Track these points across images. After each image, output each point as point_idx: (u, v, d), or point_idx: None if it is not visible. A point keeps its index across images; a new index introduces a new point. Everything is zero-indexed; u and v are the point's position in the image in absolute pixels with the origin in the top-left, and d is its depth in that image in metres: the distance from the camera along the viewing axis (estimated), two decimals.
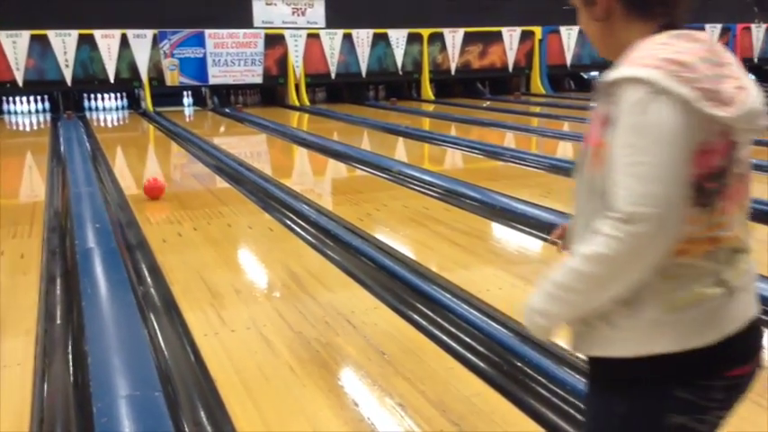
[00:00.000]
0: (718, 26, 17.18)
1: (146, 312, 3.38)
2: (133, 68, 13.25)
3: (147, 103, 13.42)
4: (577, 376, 2.55)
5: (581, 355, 1.36)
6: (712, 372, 1.23)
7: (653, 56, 1.16)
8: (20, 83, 12.64)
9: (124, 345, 2.97)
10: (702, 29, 16.80)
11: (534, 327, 1.30)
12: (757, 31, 17.63)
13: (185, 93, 14.30)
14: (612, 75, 1.18)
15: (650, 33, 1.24)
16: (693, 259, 1.20)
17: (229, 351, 2.94)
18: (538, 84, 16.03)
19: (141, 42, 13.24)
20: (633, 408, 1.26)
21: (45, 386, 2.72)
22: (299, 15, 14.42)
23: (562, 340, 2.82)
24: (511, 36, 15.64)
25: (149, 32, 13.26)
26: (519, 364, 2.75)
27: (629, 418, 1.27)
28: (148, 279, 3.94)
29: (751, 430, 2.26)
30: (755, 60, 17.78)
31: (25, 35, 12.53)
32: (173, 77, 13.58)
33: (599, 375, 1.32)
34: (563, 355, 2.72)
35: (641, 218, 1.11)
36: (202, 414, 2.47)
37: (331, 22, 14.55)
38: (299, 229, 4.95)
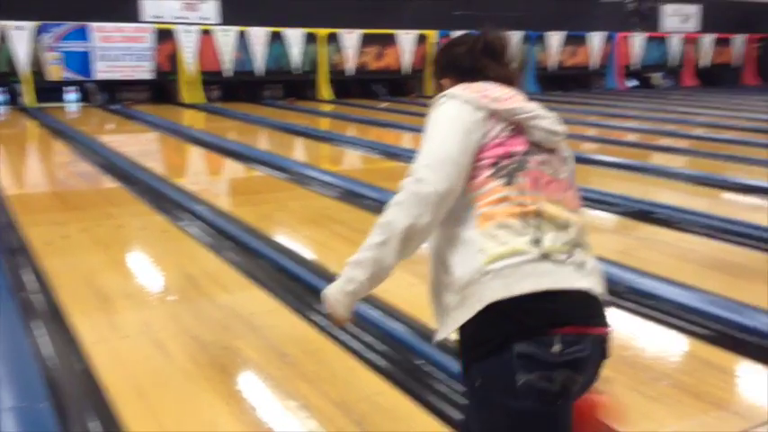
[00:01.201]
0: (601, 33, 18.08)
1: (29, 320, 3.19)
2: (11, 62, 12.48)
3: (28, 98, 12.68)
4: None
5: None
6: (544, 325, 1.37)
7: (458, 86, 1.58)
8: None
9: (6, 354, 2.80)
10: (583, 37, 17.55)
11: (338, 297, 1.54)
12: (638, 39, 18.70)
13: (69, 88, 13.60)
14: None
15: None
16: (506, 220, 1.42)
17: (122, 358, 2.82)
18: (431, 86, 16.30)
19: (21, 34, 12.49)
20: (485, 374, 1.41)
21: None
22: (190, 11, 14.03)
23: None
24: (407, 39, 15.85)
25: (30, 24, 12.53)
26: (419, 361, 2.79)
27: (484, 387, 1.42)
28: (32, 284, 3.72)
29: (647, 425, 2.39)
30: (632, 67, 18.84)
31: None
32: (56, 72, 12.89)
33: (461, 356, 1.48)
34: None
35: (416, 174, 1.45)
36: (95, 424, 2.35)
37: (226, 19, 14.25)
38: (194, 231, 4.82)
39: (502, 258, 1.40)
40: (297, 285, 3.70)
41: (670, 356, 2.99)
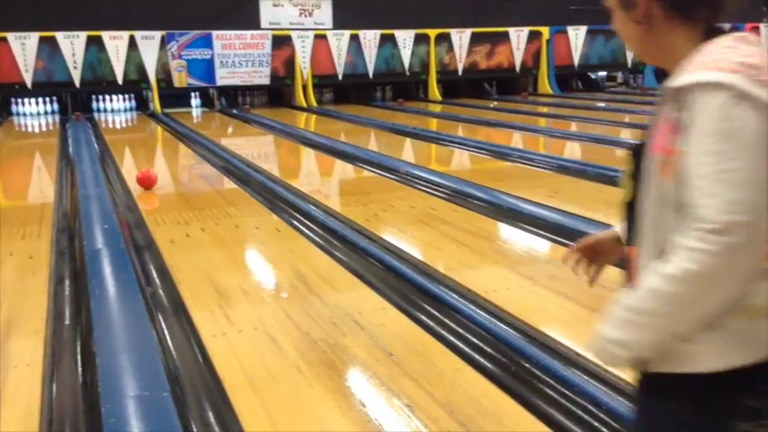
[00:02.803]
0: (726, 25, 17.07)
1: (154, 313, 3.40)
2: (141, 70, 13.30)
3: (155, 104, 13.46)
4: (585, 377, 2.55)
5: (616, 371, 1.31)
6: None
7: (726, 59, 1.12)
8: (28, 84, 12.71)
9: (132, 345, 2.98)
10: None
11: (611, 358, 1.21)
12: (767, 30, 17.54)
13: (193, 94, 14.34)
14: (684, 79, 1.13)
15: (695, 36, 1.21)
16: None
17: (237, 351, 2.94)
18: (545, 84, 15.99)
19: (149, 44, 13.29)
20: (701, 416, 1.19)
21: (54, 387, 2.73)
22: (305, 16, 14.44)
23: (572, 342, 2.82)
24: (518, 36, 15.61)
25: (157, 34, 13.31)
26: (526, 365, 2.75)
27: (696, 426, 1.20)
28: (156, 280, 3.95)
29: None
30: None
31: (34, 37, 12.59)
32: (180, 79, 13.62)
33: (661, 385, 1.23)
34: (570, 356, 2.72)
35: (736, 227, 1.05)
36: (210, 415, 2.47)
37: (338, 23, 14.56)
38: (306, 230, 4.96)
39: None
40: (404, 285, 3.73)
41: None
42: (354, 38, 14.56)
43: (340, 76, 14.56)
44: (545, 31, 15.71)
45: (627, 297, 1.18)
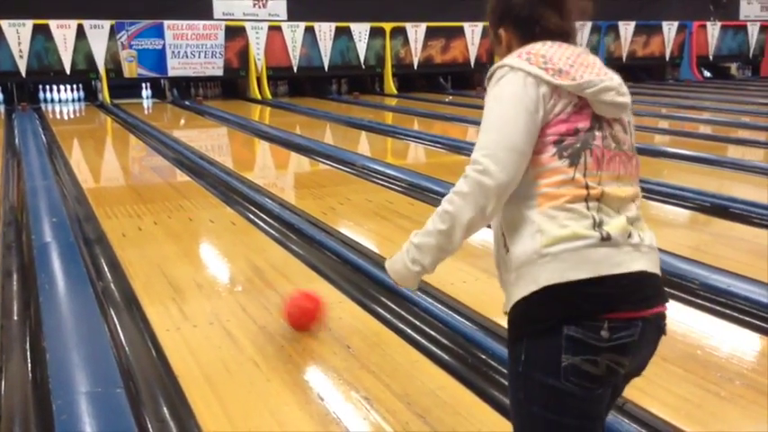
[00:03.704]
0: (676, 23, 17.51)
1: (106, 308, 3.33)
2: (90, 60, 12.97)
3: (105, 95, 13.16)
4: None
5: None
6: (596, 310, 1.37)
7: (517, 53, 1.51)
8: None
9: (84, 341, 2.91)
10: (657, 26, 17.01)
11: (404, 274, 1.57)
12: (715, 27, 18.03)
13: (144, 85, 14.05)
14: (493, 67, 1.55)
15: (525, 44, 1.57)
16: (570, 203, 1.40)
17: (192, 346, 2.91)
18: None
19: (98, 33, 12.96)
20: (531, 352, 1.42)
21: (2, 384, 2.65)
22: (260, 7, 14.28)
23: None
24: (473, 31, 15.72)
25: (106, 23, 12.99)
26: (483, 356, 2.78)
27: (528, 364, 1.42)
28: (108, 274, 3.87)
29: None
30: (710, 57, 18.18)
31: None
32: (131, 69, 13.33)
33: (509, 333, 1.50)
34: None
35: (480, 163, 1.42)
36: (165, 410, 2.44)
37: (293, 15, 14.44)
38: (261, 223, 4.91)
39: (561, 242, 1.39)
40: (361, 278, 3.74)
41: (744, 356, 2.88)
42: (309, 30, 14.46)
43: (295, 69, 14.45)
44: None
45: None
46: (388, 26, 15.04)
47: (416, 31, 15.30)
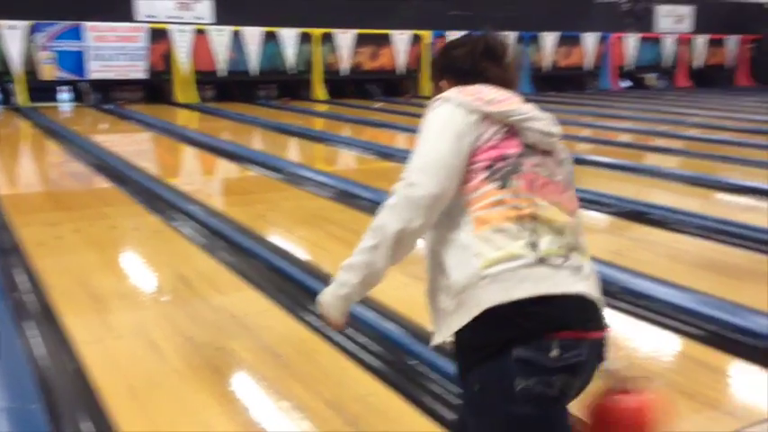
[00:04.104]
0: (596, 34, 18.12)
1: (21, 320, 3.18)
2: (4, 61, 12.43)
3: (21, 97, 12.63)
4: None
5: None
6: (541, 329, 1.37)
7: (453, 89, 1.58)
8: None
9: None
10: (577, 37, 17.51)
11: (330, 301, 1.56)
12: (633, 39, 18.74)
13: (62, 88, 13.55)
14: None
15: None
16: (503, 224, 1.42)
17: (115, 358, 2.81)
18: (427, 86, 16.33)
19: (14, 34, 12.44)
20: (484, 380, 1.41)
21: None
22: (185, 10, 14.01)
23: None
24: (401, 39, 15.86)
25: (23, 23, 12.48)
26: (412, 362, 2.79)
27: (483, 392, 1.41)
28: (24, 284, 3.70)
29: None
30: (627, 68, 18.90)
31: None
32: (49, 71, 12.85)
33: (459, 365, 1.49)
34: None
35: (408, 178, 1.46)
36: (88, 425, 2.34)
37: (219, 19, 14.23)
38: (188, 231, 4.80)
39: (498, 263, 1.39)
40: (290, 286, 3.70)
41: (663, 356, 2.99)
42: (237, 34, 14.28)
43: (222, 73, 14.23)
44: (426, 35, 16.04)
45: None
46: (316, 32, 15.00)
47: (345, 38, 15.31)
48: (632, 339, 3.10)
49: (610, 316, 1.55)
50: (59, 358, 2.85)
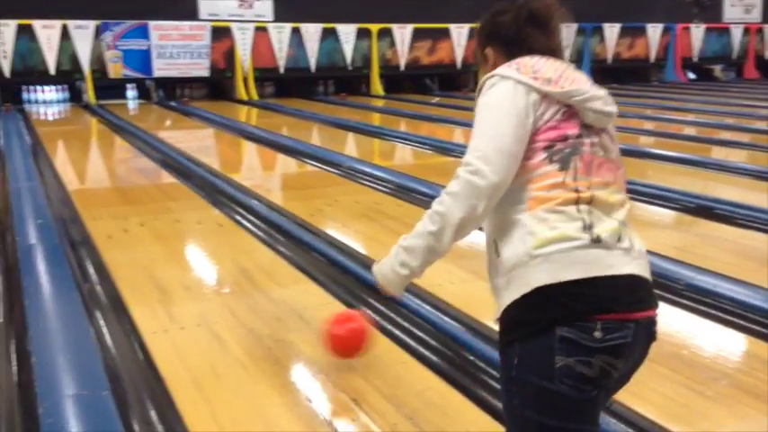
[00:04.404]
0: (660, 25, 17.64)
1: (91, 310, 3.30)
2: (75, 60, 12.88)
3: (90, 95, 13.07)
4: None
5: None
6: (587, 311, 1.38)
7: (507, 65, 1.55)
8: None
9: (69, 343, 2.90)
10: (641, 28, 17.10)
11: (391, 278, 1.57)
12: (699, 30, 18.18)
13: (129, 85, 13.97)
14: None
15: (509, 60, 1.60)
16: (559, 206, 1.42)
17: (179, 348, 2.89)
18: None
19: (83, 33, 12.87)
20: (524, 354, 1.42)
21: None
22: (246, 8, 14.24)
23: None
24: (459, 33, 15.76)
25: (91, 23, 12.91)
26: (471, 357, 2.79)
27: (522, 367, 1.42)
28: (94, 276, 3.84)
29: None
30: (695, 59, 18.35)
31: None
32: (116, 70, 13.25)
33: (501, 339, 1.50)
34: None
35: (471, 164, 1.45)
36: (153, 413, 2.42)
37: (279, 16, 14.41)
38: (249, 225, 4.90)
39: (551, 243, 1.40)
40: (348, 279, 3.73)
41: (729, 356, 2.91)
42: (296, 31, 14.44)
43: (281, 70, 14.42)
44: None
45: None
46: (374, 27, 15.04)
47: (403, 33, 15.31)
48: (697, 337, 3.02)
49: (674, 313, 1.52)
50: (127, 347, 2.95)
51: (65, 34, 12.72)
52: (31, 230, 4.51)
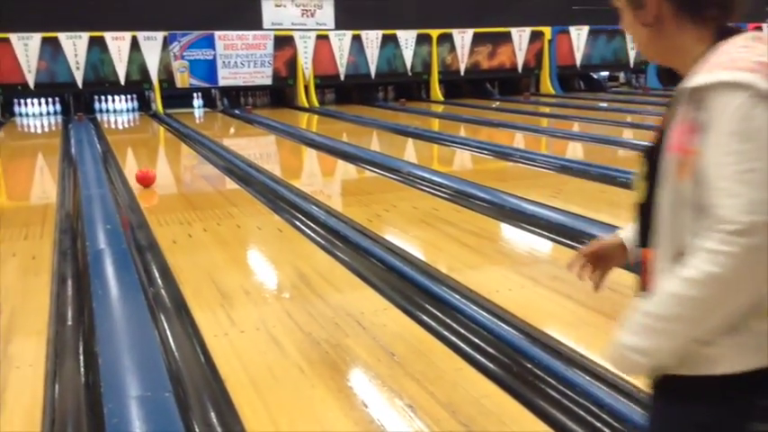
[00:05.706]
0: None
1: (156, 313, 3.40)
2: (143, 70, 13.32)
3: (158, 104, 13.49)
4: (587, 377, 2.55)
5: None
6: None
7: (743, 59, 1.10)
8: (31, 85, 12.73)
9: (135, 346, 2.98)
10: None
11: (630, 366, 1.19)
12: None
13: (195, 95, 14.36)
14: (702, 79, 1.11)
15: (705, 36, 1.20)
16: None
17: (239, 352, 2.95)
18: (547, 84, 15.99)
19: (151, 44, 13.30)
20: (717, 418, 1.17)
21: (56, 387, 2.73)
22: (308, 17, 14.45)
23: (574, 342, 2.82)
24: (520, 36, 15.61)
25: (159, 35, 13.32)
26: (528, 365, 2.75)
27: (711, 428, 1.18)
28: (159, 280, 3.95)
29: None
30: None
31: (36, 38, 12.61)
32: (183, 79, 13.64)
33: (677, 388, 1.21)
34: (572, 357, 2.72)
35: (758, 227, 1.03)
36: (212, 415, 2.48)
37: (340, 24, 14.57)
38: (308, 231, 4.96)
39: None
40: (406, 285, 3.73)
41: None
42: (356, 38, 14.57)
43: (342, 77, 14.57)
44: (547, 31, 15.70)
45: (645, 303, 1.16)
46: (434, 33, 15.04)
47: (463, 38, 15.26)
48: None
49: None
50: (189, 350, 3.03)
51: (134, 45, 13.18)
52: (100, 235, 4.68)
